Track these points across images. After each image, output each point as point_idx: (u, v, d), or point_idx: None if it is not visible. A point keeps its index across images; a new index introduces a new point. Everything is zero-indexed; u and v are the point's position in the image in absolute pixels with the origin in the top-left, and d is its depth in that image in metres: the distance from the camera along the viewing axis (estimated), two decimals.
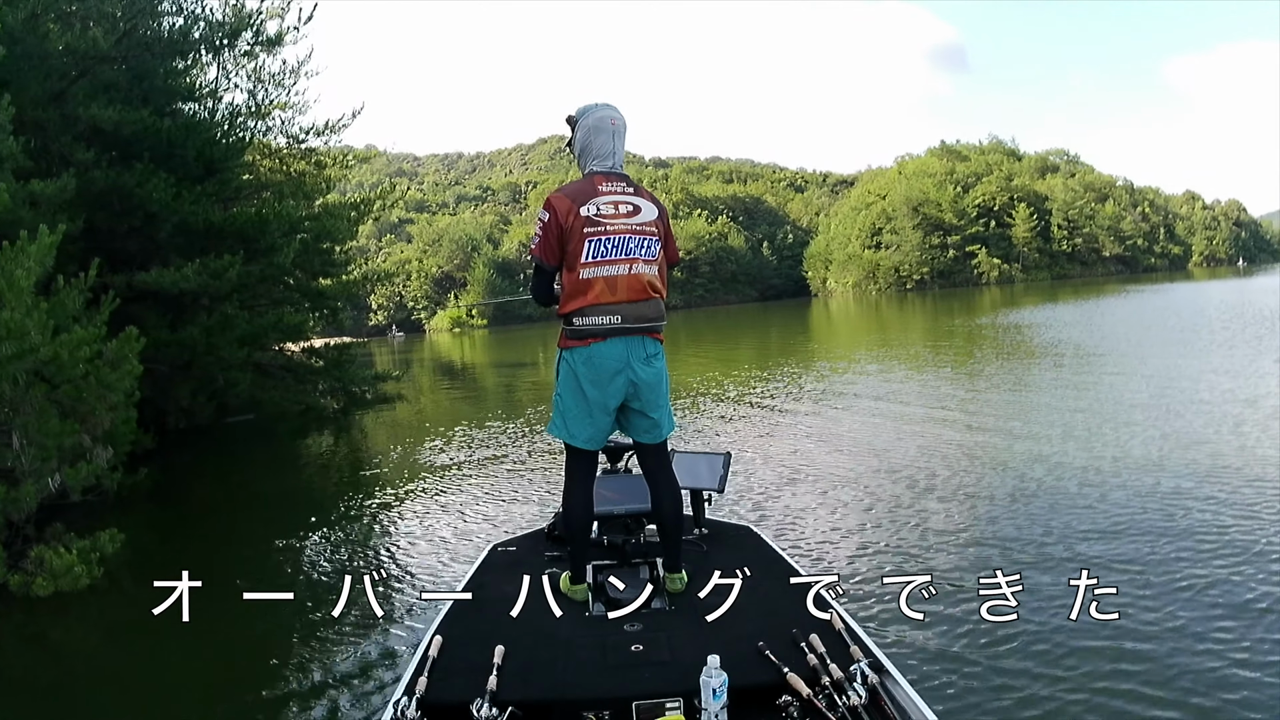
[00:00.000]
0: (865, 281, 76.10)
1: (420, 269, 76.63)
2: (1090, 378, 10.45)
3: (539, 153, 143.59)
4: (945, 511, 5.01)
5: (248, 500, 7.35)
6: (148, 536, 5.84)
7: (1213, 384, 8.76)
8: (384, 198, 12.79)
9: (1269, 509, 4.49)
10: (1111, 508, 4.81)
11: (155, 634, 3.57)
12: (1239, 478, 5.16)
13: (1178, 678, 2.78)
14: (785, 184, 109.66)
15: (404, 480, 7.16)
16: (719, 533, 3.19)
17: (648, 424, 2.57)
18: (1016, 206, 76.86)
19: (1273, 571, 3.62)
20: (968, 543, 4.40)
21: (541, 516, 4.49)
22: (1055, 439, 6.82)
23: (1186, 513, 4.57)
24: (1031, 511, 4.88)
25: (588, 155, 2.55)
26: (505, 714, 1.86)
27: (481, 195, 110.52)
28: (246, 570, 5.05)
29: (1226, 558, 3.83)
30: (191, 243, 8.55)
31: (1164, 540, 4.18)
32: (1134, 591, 3.52)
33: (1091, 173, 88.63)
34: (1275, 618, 3.17)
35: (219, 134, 9.49)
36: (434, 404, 14.65)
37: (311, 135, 11.36)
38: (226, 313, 8.94)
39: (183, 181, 8.23)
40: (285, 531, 5.59)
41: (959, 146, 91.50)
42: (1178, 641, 3.05)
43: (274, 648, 3.58)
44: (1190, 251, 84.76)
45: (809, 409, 9.69)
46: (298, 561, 5.14)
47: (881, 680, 1.92)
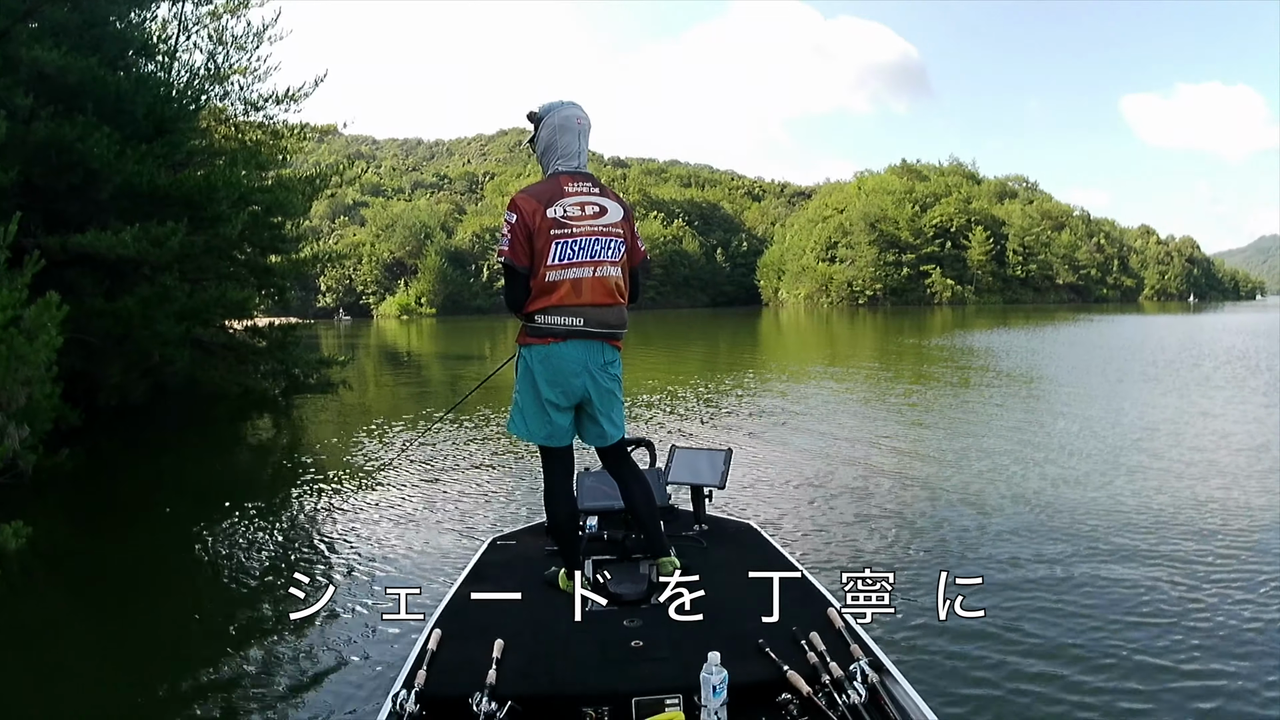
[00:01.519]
0: (818, 294, 77.23)
1: (372, 253, 75.76)
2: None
3: (498, 144, 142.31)
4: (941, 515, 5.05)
5: (179, 485, 6.90)
6: (65, 523, 5.47)
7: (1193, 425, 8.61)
8: (340, 173, 12.29)
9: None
10: (1100, 519, 4.90)
11: (80, 633, 3.45)
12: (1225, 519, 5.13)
13: (1178, 679, 2.84)
14: (743, 192, 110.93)
15: (345, 472, 6.83)
16: (719, 529, 3.16)
17: (597, 430, 2.58)
18: (973, 229, 79.04)
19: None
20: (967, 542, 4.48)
21: (537, 512, 4.34)
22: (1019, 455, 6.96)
23: (1162, 539, 4.63)
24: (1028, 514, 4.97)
25: (552, 154, 2.51)
26: (504, 708, 1.83)
27: (438, 183, 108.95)
28: (174, 558, 4.79)
29: (1218, 583, 3.86)
30: (136, 207, 8.01)
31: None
32: (1131, 592, 3.61)
33: (1049, 200, 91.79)
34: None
35: (173, 92, 8.94)
36: (379, 393, 14.17)
37: (270, 103, 10.88)
38: (165, 284, 8.37)
39: (129, 140, 7.70)
40: (216, 519, 5.30)
41: (919, 166, 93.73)
42: (1178, 642, 3.11)
43: (267, 643, 3.48)
44: (1143, 284, 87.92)
45: (749, 422, 9.71)
46: (233, 551, 4.87)
47: (881, 679, 1.91)
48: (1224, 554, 4.16)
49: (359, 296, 75.37)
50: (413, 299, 72.15)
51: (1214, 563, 4.03)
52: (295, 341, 12.95)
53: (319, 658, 3.26)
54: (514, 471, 6.68)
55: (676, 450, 3.31)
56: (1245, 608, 3.45)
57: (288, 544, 4.94)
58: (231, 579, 4.38)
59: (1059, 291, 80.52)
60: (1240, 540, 4.39)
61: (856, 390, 12.16)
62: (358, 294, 75.56)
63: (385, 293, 74.89)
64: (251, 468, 7.97)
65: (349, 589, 3.99)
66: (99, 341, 7.95)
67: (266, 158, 11.24)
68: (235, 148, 11.02)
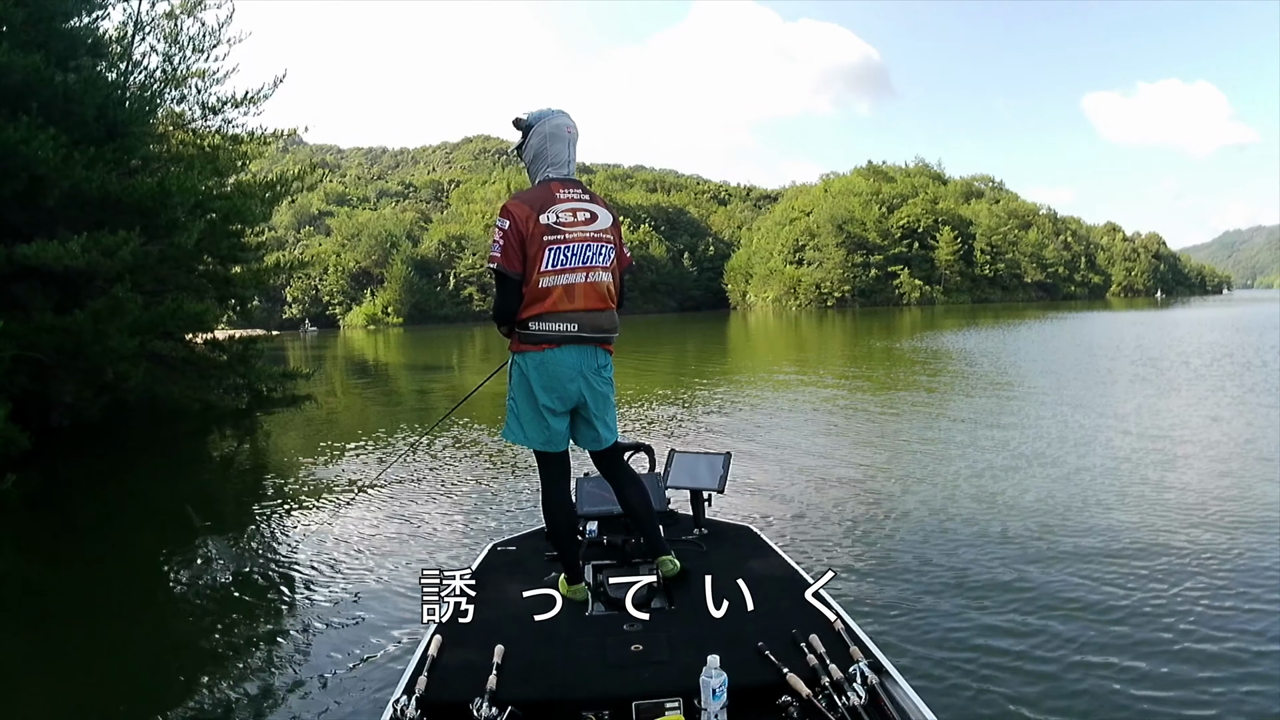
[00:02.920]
0: (786, 296, 77.68)
1: (338, 263, 74.99)
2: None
3: (463, 151, 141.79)
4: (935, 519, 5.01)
5: (140, 509, 6.56)
6: (16, 552, 5.20)
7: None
8: (301, 179, 11.93)
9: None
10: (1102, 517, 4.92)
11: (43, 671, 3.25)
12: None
13: (1177, 680, 2.82)
14: (709, 196, 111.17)
15: (318, 491, 6.59)
16: (719, 533, 3.16)
17: (592, 434, 2.61)
18: (941, 229, 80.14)
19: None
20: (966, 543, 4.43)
21: (537, 518, 4.24)
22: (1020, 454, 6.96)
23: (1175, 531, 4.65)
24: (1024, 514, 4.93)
25: (542, 161, 2.54)
26: (505, 713, 1.84)
27: (404, 191, 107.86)
28: (144, 581, 4.58)
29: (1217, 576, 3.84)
30: (86, 215, 7.69)
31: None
32: (1127, 596, 3.57)
33: (1016, 199, 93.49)
34: None
35: (126, 94, 8.58)
36: (348, 406, 13.78)
37: (229, 106, 10.52)
38: (118, 296, 7.99)
39: (78, 143, 7.37)
40: (179, 544, 5.10)
41: (885, 167, 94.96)
42: (1176, 643, 3.09)
43: (265, 652, 3.44)
44: (1110, 281, 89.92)
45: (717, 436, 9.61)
46: (213, 569, 4.70)
47: (881, 681, 1.91)
48: (1244, 568, 3.96)
49: (325, 307, 74.59)
50: (379, 309, 71.64)
51: (1233, 573, 3.88)
52: (258, 354, 12.55)
53: (319, 666, 3.22)
54: (508, 478, 6.60)
55: (675, 454, 3.35)
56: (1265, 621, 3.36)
57: (275, 557, 4.79)
58: (214, 597, 4.23)
59: (1027, 289, 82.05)
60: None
61: (840, 395, 12.17)
62: (324, 304, 74.82)
63: (351, 303, 74.25)
64: (218, 485, 7.68)
65: (348, 595, 3.99)
66: (49, 358, 7.59)
67: (225, 163, 10.82)
68: (193, 154, 10.63)
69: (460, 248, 78.54)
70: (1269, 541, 4.30)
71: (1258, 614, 3.36)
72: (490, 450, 7.83)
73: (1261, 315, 32.36)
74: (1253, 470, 5.95)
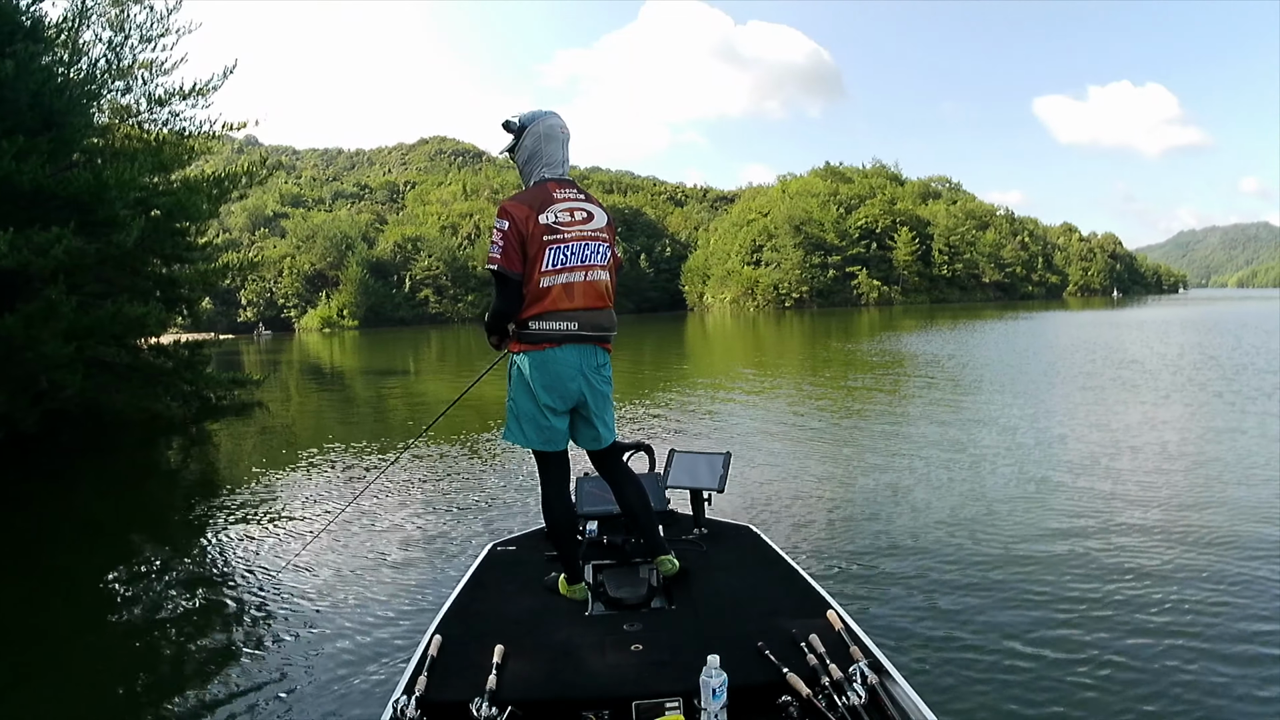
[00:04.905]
0: (743, 298, 77.99)
1: (293, 265, 73.45)
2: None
3: (419, 153, 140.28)
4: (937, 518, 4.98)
5: (80, 528, 6.05)
6: None
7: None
8: (250, 173, 11.46)
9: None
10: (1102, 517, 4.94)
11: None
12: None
13: (1176, 681, 2.80)
14: (665, 197, 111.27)
15: (273, 502, 6.29)
16: (719, 532, 3.16)
17: (591, 433, 2.61)
18: (899, 230, 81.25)
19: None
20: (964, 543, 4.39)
21: (536, 518, 4.24)
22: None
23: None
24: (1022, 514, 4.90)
25: (537, 162, 2.55)
26: (505, 713, 1.84)
27: (359, 193, 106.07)
28: (86, 609, 4.23)
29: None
30: (16, 210, 7.23)
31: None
32: (1126, 596, 3.55)
33: (973, 200, 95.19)
34: None
35: (64, 81, 8.09)
36: (301, 414, 13.15)
37: (176, 98, 10.04)
38: (51, 298, 7.51)
39: (10, 133, 6.94)
40: (122, 563, 4.79)
41: (843, 168, 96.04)
42: (1179, 643, 3.07)
43: (265, 653, 3.39)
44: (1067, 281, 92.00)
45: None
46: (183, 577, 4.46)
47: (881, 680, 1.90)
48: (1256, 570, 3.85)
49: (280, 310, 72.95)
50: (334, 311, 70.44)
51: (1244, 574, 3.78)
52: (205, 360, 12.06)
53: (319, 667, 3.19)
54: (507, 478, 6.55)
55: (675, 454, 3.36)
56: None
57: (274, 561, 4.62)
58: (206, 607, 4.03)
59: (985, 289, 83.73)
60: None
61: (828, 397, 12.18)
62: (279, 307, 73.15)
63: (307, 305, 72.84)
64: (161, 499, 7.25)
65: (348, 596, 3.96)
66: None
67: (171, 158, 10.30)
68: (138, 147, 10.11)
69: (416, 249, 77.50)
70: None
71: (1267, 617, 3.32)
72: (489, 450, 7.73)
73: (1229, 314, 33.29)
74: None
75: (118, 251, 8.42)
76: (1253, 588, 3.60)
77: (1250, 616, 3.30)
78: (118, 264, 9.25)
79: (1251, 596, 3.50)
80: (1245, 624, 3.23)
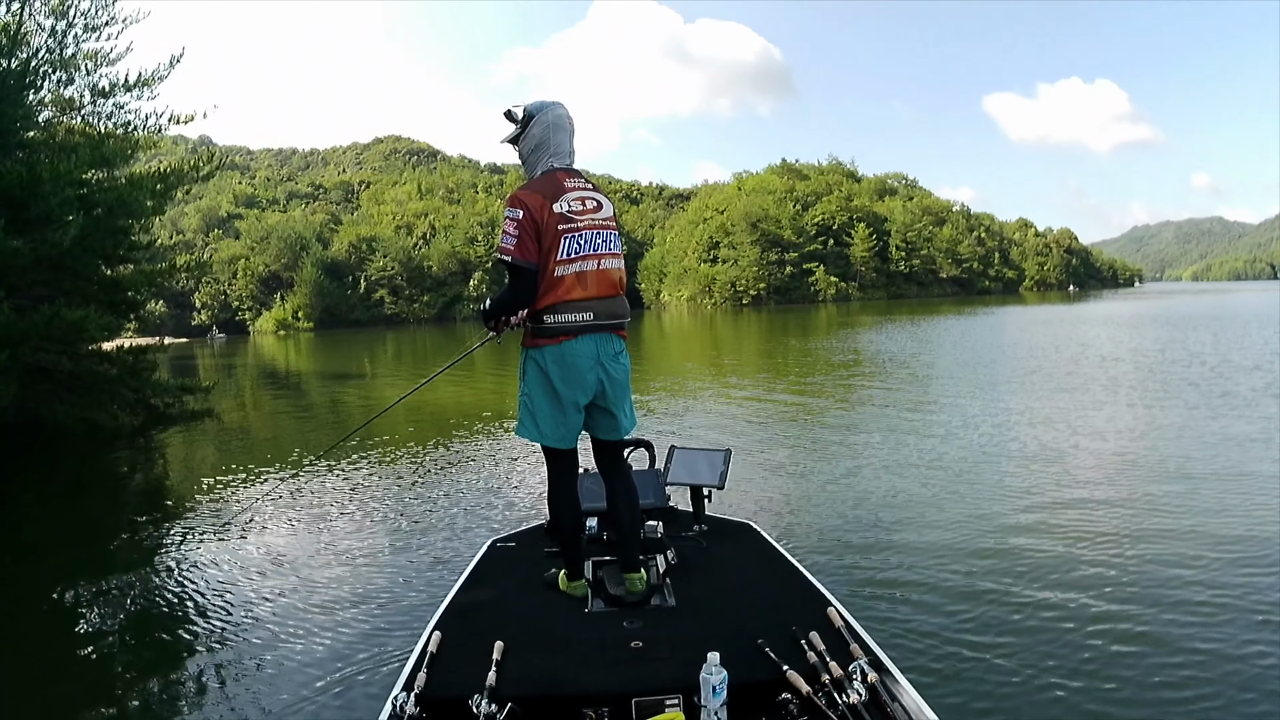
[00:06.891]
0: (701, 295, 78.09)
1: (247, 267, 71.63)
2: None
3: (374, 152, 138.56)
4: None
5: (12, 547, 5.65)
6: None
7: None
8: (197, 168, 10.96)
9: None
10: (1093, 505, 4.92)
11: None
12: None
13: (1176, 680, 2.79)
14: (620, 195, 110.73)
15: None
16: (719, 529, 3.15)
17: (611, 422, 2.57)
18: (856, 226, 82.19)
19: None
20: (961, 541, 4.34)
21: (539, 514, 4.33)
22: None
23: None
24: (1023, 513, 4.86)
25: (544, 151, 2.52)
26: (504, 710, 1.82)
27: (314, 193, 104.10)
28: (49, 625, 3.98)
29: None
30: None
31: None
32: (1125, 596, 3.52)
33: (929, 196, 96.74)
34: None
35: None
36: (258, 420, 12.61)
37: (121, 89, 9.55)
38: None
39: None
40: (82, 578, 4.50)
41: (799, 165, 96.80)
42: (1180, 643, 3.05)
43: (265, 649, 3.36)
44: (1024, 276, 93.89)
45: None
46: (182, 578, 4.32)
47: (881, 678, 1.89)
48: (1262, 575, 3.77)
49: (235, 313, 71.56)
50: (289, 313, 69.15)
51: (1252, 577, 3.72)
52: (150, 366, 11.52)
53: (319, 663, 3.17)
54: (507, 474, 6.47)
55: (676, 450, 3.31)
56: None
57: (272, 559, 4.54)
58: (203, 605, 3.94)
59: (942, 285, 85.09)
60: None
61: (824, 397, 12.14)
62: (233, 310, 71.73)
63: (261, 308, 71.43)
64: (110, 508, 6.86)
65: (348, 592, 3.93)
66: None
67: (114, 152, 9.75)
68: (79, 140, 9.62)
69: (371, 250, 76.30)
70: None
71: (1267, 617, 3.30)
72: (489, 446, 7.62)
73: (1191, 308, 33.46)
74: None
75: (54, 251, 7.98)
76: (1253, 587, 3.59)
77: (1251, 617, 3.30)
78: (54, 264, 8.77)
79: (1252, 596, 3.49)
80: (1247, 625, 3.22)
